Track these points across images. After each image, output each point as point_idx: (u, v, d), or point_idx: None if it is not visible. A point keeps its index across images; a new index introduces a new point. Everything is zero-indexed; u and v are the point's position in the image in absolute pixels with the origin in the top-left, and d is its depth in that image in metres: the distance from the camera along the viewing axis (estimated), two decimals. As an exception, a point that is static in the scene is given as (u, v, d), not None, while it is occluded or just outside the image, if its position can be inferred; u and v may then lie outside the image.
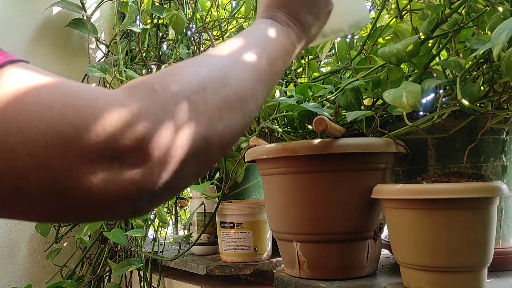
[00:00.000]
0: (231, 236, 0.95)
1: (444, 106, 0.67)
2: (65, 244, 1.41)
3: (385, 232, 0.73)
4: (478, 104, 0.65)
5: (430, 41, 0.73)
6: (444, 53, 0.76)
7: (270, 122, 0.79)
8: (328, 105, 0.82)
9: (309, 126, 0.79)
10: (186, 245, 1.19)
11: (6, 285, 1.30)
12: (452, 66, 0.66)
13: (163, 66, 1.19)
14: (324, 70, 1.01)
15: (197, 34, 1.34)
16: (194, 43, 1.35)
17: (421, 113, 0.72)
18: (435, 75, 0.72)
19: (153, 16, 1.38)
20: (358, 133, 0.78)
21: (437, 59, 0.72)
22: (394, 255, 0.64)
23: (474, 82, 0.66)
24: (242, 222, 0.94)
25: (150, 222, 1.17)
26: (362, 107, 0.76)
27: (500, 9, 0.66)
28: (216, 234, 1.03)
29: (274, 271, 0.82)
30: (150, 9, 1.33)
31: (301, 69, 1.02)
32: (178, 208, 1.59)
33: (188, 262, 1.00)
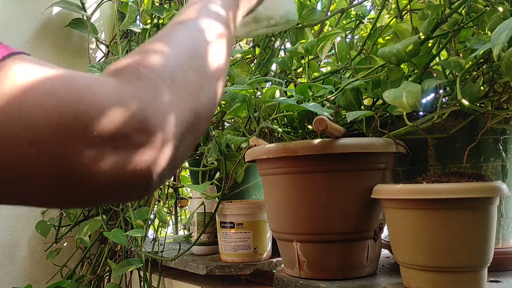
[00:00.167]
0: (231, 236, 0.95)
1: (444, 106, 0.67)
2: (65, 244, 1.41)
3: (385, 232, 0.73)
4: (478, 104, 0.65)
5: (430, 41, 0.73)
6: (444, 53, 0.76)
7: (270, 122, 0.79)
8: (328, 105, 0.82)
9: (309, 126, 0.79)
10: (186, 245, 1.18)
11: (6, 285, 1.30)
12: (452, 66, 0.66)
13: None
14: (324, 70, 1.01)
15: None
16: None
17: (421, 113, 0.72)
18: (435, 75, 0.72)
19: (153, 16, 1.38)
20: (358, 133, 0.78)
21: (437, 59, 0.72)
22: (394, 255, 0.64)
23: (474, 82, 0.66)
24: (242, 222, 0.94)
25: (150, 222, 1.17)
26: (362, 107, 0.76)
27: (500, 9, 0.66)
28: (216, 234, 1.03)
29: (274, 271, 0.82)
30: (150, 9, 1.33)
31: (301, 69, 1.02)
32: (178, 208, 1.59)
33: (188, 262, 1.00)
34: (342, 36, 0.88)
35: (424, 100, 0.70)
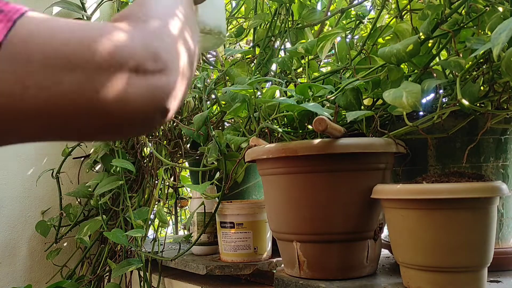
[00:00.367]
0: (231, 236, 0.95)
1: (444, 106, 0.67)
2: (65, 244, 1.41)
3: (385, 232, 0.73)
4: (478, 104, 0.65)
5: (430, 41, 0.73)
6: (444, 53, 0.76)
7: (270, 122, 0.79)
8: (328, 105, 0.82)
9: (309, 126, 0.79)
10: (186, 245, 1.19)
11: (6, 285, 1.30)
12: (452, 66, 0.66)
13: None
14: (324, 70, 1.01)
15: (197, 34, 1.34)
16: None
17: (421, 113, 0.72)
18: (435, 75, 0.72)
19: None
20: (358, 133, 0.78)
21: (437, 59, 0.72)
22: (394, 255, 0.64)
23: (474, 82, 0.66)
24: (242, 222, 0.94)
25: (150, 222, 1.17)
26: (362, 107, 0.76)
27: (500, 9, 0.66)
28: (216, 234, 1.03)
29: (274, 271, 0.82)
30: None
31: (301, 69, 1.02)
32: (178, 208, 1.59)
33: (188, 262, 1.00)
34: (342, 36, 0.88)
35: (424, 100, 0.70)
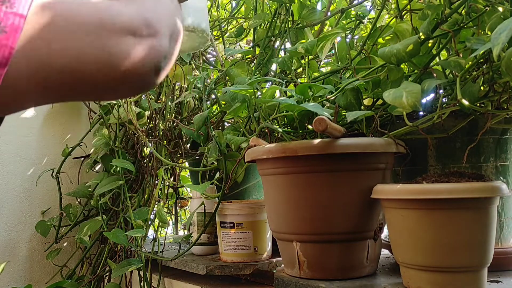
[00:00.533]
0: (231, 236, 0.95)
1: (444, 106, 0.67)
2: (65, 244, 1.41)
3: (385, 232, 0.73)
4: (478, 104, 0.65)
5: (430, 41, 0.73)
6: (444, 53, 0.76)
7: (270, 122, 0.79)
8: (328, 105, 0.82)
9: (309, 126, 0.79)
10: (186, 245, 1.19)
11: (6, 285, 1.30)
12: (452, 66, 0.66)
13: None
14: (324, 70, 1.01)
15: (197, 34, 1.33)
16: (194, 43, 1.35)
17: (421, 113, 0.72)
18: (435, 75, 0.72)
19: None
20: (358, 133, 0.78)
21: (437, 59, 0.72)
22: (394, 255, 0.64)
23: (474, 82, 0.66)
24: (242, 222, 0.94)
25: (150, 222, 1.17)
26: (362, 107, 0.76)
27: (500, 9, 0.66)
28: (216, 234, 1.03)
29: (274, 271, 0.82)
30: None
31: (301, 69, 1.02)
32: (178, 208, 1.59)
33: (188, 262, 1.00)
34: (342, 36, 0.88)
35: (424, 100, 0.70)
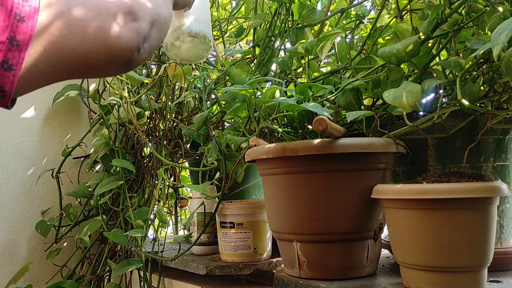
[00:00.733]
0: (231, 236, 0.95)
1: (444, 106, 0.67)
2: (65, 244, 1.41)
3: (385, 232, 0.73)
4: (478, 104, 0.65)
5: (430, 41, 0.73)
6: (444, 53, 0.76)
7: (270, 122, 0.79)
8: (328, 105, 0.82)
9: (309, 126, 0.79)
10: (186, 245, 1.19)
11: (6, 285, 1.30)
12: (452, 66, 0.66)
13: (163, 66, 1.19)
14: (324, 70, 1.01)
15: (197, 34, 1.33)
16: (194, 43, 1.35)
17: (421, 113, 0.72)
18: (435, 75, 0.72)
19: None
20: (358, 133, 0.78)
21: (437, 59, 0.72)
22: (394, 255, 0.64)
23: (474, 82, 0.66)
24: (242, 222, 0.94)
25: (150, 222, 1.17)
26: (362, 107, 0.76)
27: (500, 9, 0.66)
28: (216, 234, 1.03)
29: (274, 271, 0.82)
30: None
31: (301, 69, 1.02)
32: (178, 208, 1.59)
33: (188, 262, 1.00)
34: (342, 36, 0.88)
35: (424, 100, 0.70)
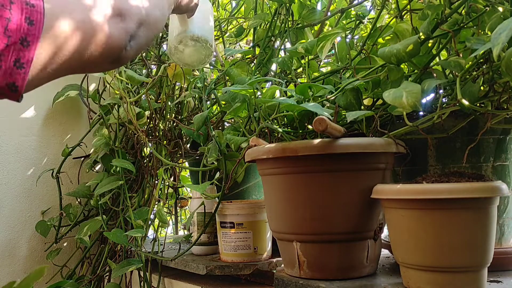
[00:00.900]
0: (231, 236, 0.95)
1: (444, 106, 0.67)
2: (65, 244, 1.41)
3: (385, 232, 0.73)
4: (478, 104, 0.65)
5: (430, 41, 0.73)
6: (444, 53, 0.76)
7: (270, 122, 0.79)
8: (328, 105, 0.82)
9: (309, 126, 0.79)
10: (186, 245, 1.19)
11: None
12: (452, 66, 0.66)
13: (162, 66, 1.19)
14: (324, 70, 1.01)
15: (197, 34, 1.33)
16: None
17: (421, 113, 0.72)
18: (435, 75, 0.72)
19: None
20: (358, 133, 0.78)
21: (437, 59, 0.72)
22: (394, 255, 0.64)
23: (474, 82, 0.66)
24: (242, 222, 0.94)
25: (150, 222, 1.17)
26: (362, 107, 0.76)
27: (500, 9, 0.66)
28: (216, 234, 1.03)
29: (274, 271, 0.82)
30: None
31: (301, 69, 1.02)
32: (178, 208, 1.59)
33: (188, 262, 1.00)
34: (342, 36, 0.88)
35: (424, 100, 0.70)
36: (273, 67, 1.06)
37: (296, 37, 1.02)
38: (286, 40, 1.03)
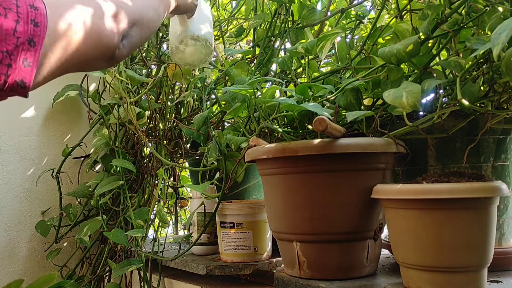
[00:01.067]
0: (231, 236, 0.95)
1: (444, 106, 0.67)
2: (65, 244, 1.41)
3: (385, 232, 0.73)
4: (478, 104, 0.65)
5: (430, 41, 0.73)
6: (444, 53, 0.76)
7: (270, 122, 0.79)
8: (328, 105, 0.82)
9: (309, 126, 0.79)
10: (186, 245, 1.19)
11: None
12: (452, 66, 0.66)
13: (163, 66, 1.19)
14: (324, 70, 1.01)
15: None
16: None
17: (421, 113, 0.72)
18: (435, 75, 0.72)
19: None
20: (358, 133, 0.78)
21: (437, 59, 0.72)
22: (394, 255, 0.64)
23: (474, 82, 0.66)
24: (242, 222, 0.94)
25: (150, 222, 1.17)
26: (362, 107, 0.76)
27: (500, 9, 0.66)
28: (216, 234, 1.03)
29: (274, 271, 0.82)
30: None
31: (301, 69, 1.02)
32: (178, 208, 1.59)
33: (188, 262, 1.00)
34: (342, 36, 0.88)
35: (424, 100, 0.70)
36: (273, 67, 1.06)
37: (296, 37, 1.02)
38: (286, 40, 1.03)
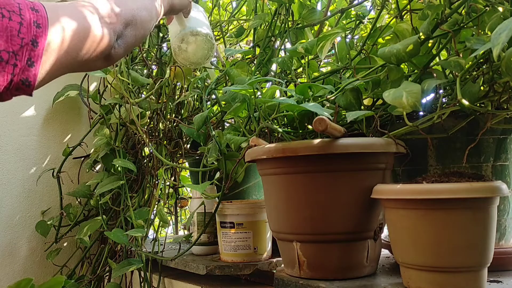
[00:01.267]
0: (231, 236, 0.95)
1: (444, 106, 0.67)
2: (65, 244, 1.41)
3: (385, 232, 0.73)
4: (478, 104, 0.65)
5: (430, 41, 0.73)
6: (444, 53, 0.76)
7: (270, 122, 0.79)
8: (328, 105, 0.82)
9: (309, 126, 0.79)
10: (186, 245, 1.19)
11: (6, 285, 1.30)
12: (452, 66, 0.66)
13: (168, 69, 1.19)
14: (324, 70, 1.01)
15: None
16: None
17: (421, 113, 0.72)
18: (435, 75, 0.72)
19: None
20: (358, 133, 0.78)
21: (437, 59, 0.72)
22: (394, 255, 0.64)
23: (474, 82, 0.66)
24: (242, 222, 0.94)
25: (150, 222, 1.17)
26: (362, 107, 0.76)
27: (500, 9, 0.66)
28: (216, 234, 1.03)
29: (274, 271, 0.82)
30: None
31: (301, 69, 1.02)
32: (178, 208, 1.59)
33: (188, 262, 1.00)
34: (342, 36, 0.88)
35: (424, 100, 0.70)
36: (273, 67, 1.06)
37: (296, 37, 1.02)
38: (286, 40, 1.03)
